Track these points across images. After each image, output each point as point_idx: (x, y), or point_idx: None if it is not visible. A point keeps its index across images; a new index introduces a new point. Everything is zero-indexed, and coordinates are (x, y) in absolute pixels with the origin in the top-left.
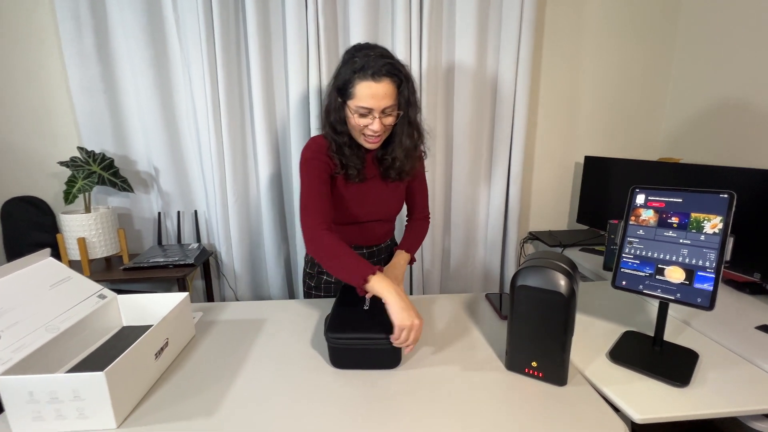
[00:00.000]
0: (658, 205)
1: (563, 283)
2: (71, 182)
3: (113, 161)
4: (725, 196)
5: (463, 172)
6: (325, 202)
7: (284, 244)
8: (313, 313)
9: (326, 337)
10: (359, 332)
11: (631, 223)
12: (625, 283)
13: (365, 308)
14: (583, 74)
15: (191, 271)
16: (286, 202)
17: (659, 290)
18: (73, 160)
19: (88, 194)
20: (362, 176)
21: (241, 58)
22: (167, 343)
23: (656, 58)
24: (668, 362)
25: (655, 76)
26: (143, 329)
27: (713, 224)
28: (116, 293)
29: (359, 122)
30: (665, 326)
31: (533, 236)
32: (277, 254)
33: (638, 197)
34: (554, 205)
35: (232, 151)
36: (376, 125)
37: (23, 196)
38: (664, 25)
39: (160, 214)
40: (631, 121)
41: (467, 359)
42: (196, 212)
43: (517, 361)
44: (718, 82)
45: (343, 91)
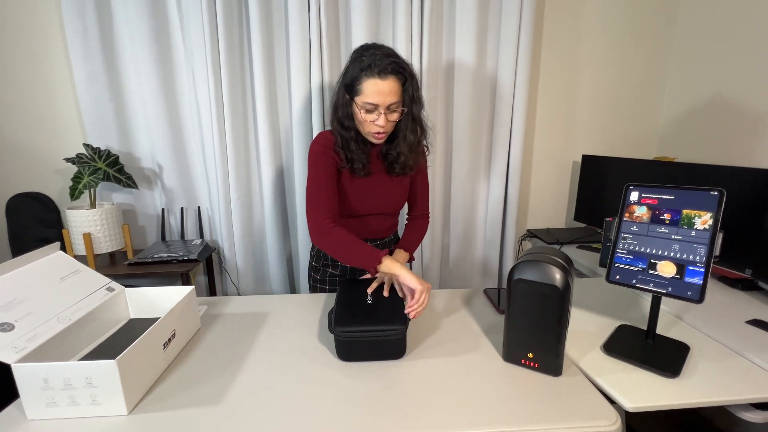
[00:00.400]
0: (651, 202)
1: (559, 276)
2: (77, 178)
3: (118, 158)
4: (715, 193)
5: (462, 169)
6: (331, 196)
7: (286, 240)
8: (315, 307)
9: (335, 331)
10: (368, 325)
11: (625, 219)
12: (619, 277)
13: (368, 302)
14: (581, 74)
15: (194, 266)
16: (288, 198)
17: (651, 284)
18: (78, 156)
19: (93, 190)
20: (367, 170)
21: (244, 56)
22: (174, 334)
23: (653, 59)
24: (660, 354)
25: (651, 77)
26: (150, 321)
27: (704, 220)
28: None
29: (365, 118)
30: (658, 320)
31: (531, 233)
32: (279, 250)
33: (632, 194)
34: (552, 203)
35: (234, 148)
36: (381, 120)
37: (28, 192)
38: (661, 26)
39: (163, 210)
40: (628, 120)
41: (467, 351)
42: (199, 208)
43: (514, 352)
44: (713, 83)
45: (350, 87)
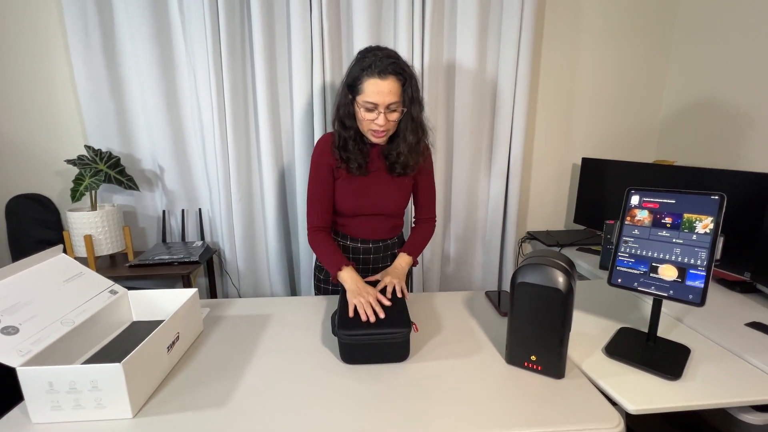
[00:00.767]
0: (652, 206)
1: (562, 280)
2: (78, 180)
3: (119, 160)
4: (716, 197)
5: (462, 171)
6: (324, 204)
7: (287, 242)
8: (318, 309)
9: (338, 334)
10: (372, 328)
11: (626, 223)
12: (620, 280)
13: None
14: (580, 77)
15: (195, 268)
16: (289, 200)
17: (653, 287)
18: (80, 158)
19: (94, 192)
20: (364, 170)
21: (246, 58)
22: (178, 337)
23: (653, 62)
24: (661, 357)
25: (651, 80)
26: (153, 324)
27: (705, 224)
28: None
29: (365, 116)
30: (659, 322)
31: (531, 236)
32: (279, 252)
33: (633, 198)
34: (552, 205)
35: (236, 150)
36: (381, 120)
37: (28, 193)
38: (660, 29)
39: (164, 211)
40: (627, 123)
41: (470, 353)
42: (200, 210)
43: (516, 355)
44: (712, 87)
45: (352, 87)
